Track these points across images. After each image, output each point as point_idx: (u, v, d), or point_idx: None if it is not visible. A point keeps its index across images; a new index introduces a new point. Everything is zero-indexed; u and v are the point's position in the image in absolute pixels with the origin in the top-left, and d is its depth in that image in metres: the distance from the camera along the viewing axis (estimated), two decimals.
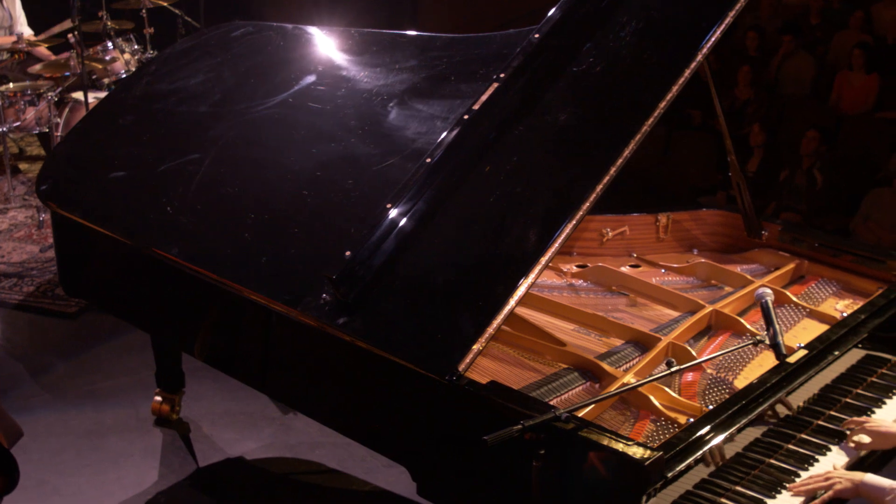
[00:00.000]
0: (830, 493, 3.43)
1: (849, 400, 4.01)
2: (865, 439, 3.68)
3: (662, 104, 3.81)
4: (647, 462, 3.06)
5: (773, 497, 3.48)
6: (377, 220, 3.79)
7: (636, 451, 3.09)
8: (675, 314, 4.25)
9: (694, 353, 3.91)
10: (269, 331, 4.04)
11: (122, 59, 8.80)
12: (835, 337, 3.94)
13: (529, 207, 3.74)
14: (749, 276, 4.45)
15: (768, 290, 3.78)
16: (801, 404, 3.90)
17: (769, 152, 8.98)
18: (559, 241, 3.57)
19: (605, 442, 3.14)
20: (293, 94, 4.61)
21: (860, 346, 4.15)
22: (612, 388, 3.60)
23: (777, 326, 3.68)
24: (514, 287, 3.52)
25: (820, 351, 3.85)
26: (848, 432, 3.74)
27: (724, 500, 3.44)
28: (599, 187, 3.67)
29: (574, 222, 3.61)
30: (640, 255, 4.76)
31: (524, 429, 3.13)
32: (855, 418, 3.81)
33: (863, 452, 3.72)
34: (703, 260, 4.63)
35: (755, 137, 8.97)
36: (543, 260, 3.55)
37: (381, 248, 3.76)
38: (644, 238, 4.78)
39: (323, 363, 3.92)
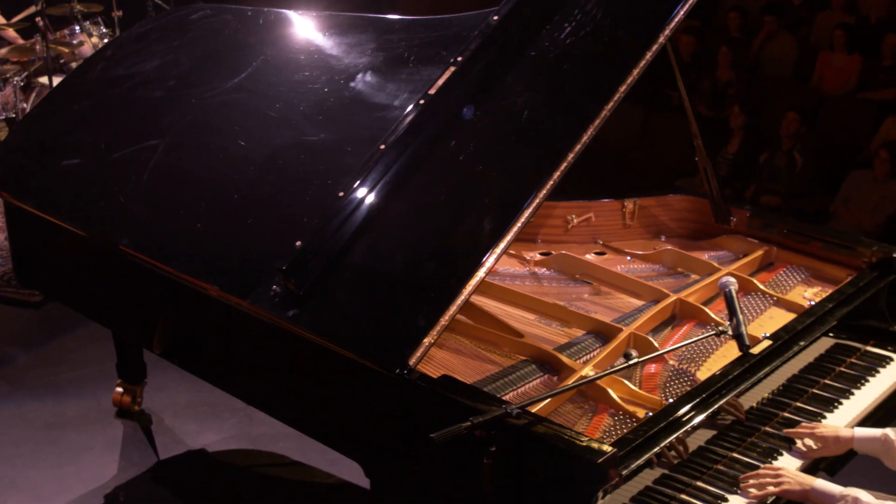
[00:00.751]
0: (776, 490, 3.32)
1: (816, 391, 3.91)
2: (814, 445, 3.57)
3: (623, 87, 3.69)
4: (601, 460, 2.96)
5: (735, 492, 3.37)
6: (329, 209, 3.67)
7: (589, 449, 2.99)
8: (638, 303, 4.15)
9: (656, 343, 3.81)
10: (221, 324, 3.93)
11: (90, 42, 8.65)
12: (801, 327, 3.84)
13: (485, 195, 3.63)
14: (716, 264, 4.35)
15: (732, 280, 3.67)
16: (767, 395, 3.81)
17: (750, 134, 8.87)
18: (514, 229, 3.45)
19: (557, 439, 3.04)
20: (249, 78, 4.49)
21: (830, 334, 4.05)
22: (570, 381, 3.49)
23: (740, 317, 3.57)
24: (467, 278, 3.41)
25: (785, 341, 3.75)
26: (799, 443, 3.61)
27: (684, 497, 3.34)
28: (557, 174, 3.56)
29: (530, 210, 3.51)
30: (606, 241, 4.66)
31: (473, 426, 3.02)
32: (804, 424, 3.68)
33: (814, 456, 3.61)
34: (669, 247, 4.53)
35: (735, 119, 8.87)
36: (498, 250, 3.44)
37: (333, 237, 3.64)
38: (610, 224, 4.68)
39: (276, 357, 3.81)
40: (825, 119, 8.92)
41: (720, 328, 3.54)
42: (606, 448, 3.00)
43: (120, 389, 5.43)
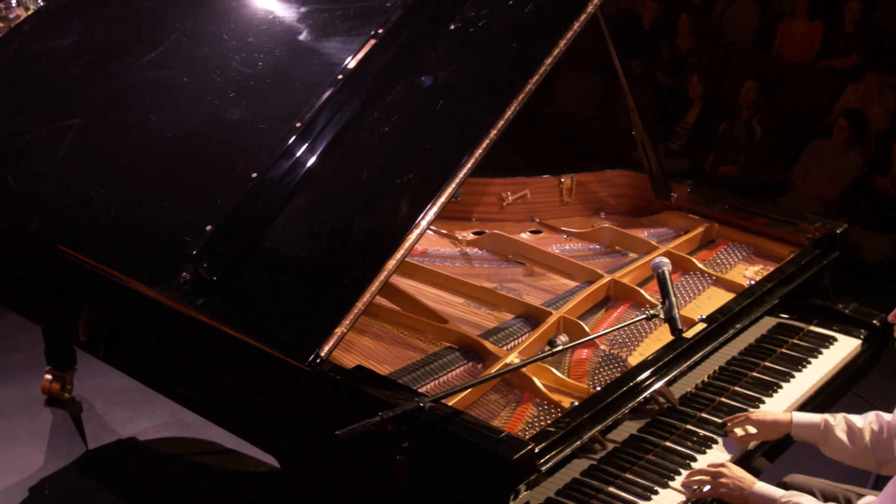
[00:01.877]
0: (714, 493, 3.17)
1: (756, 374, 3.78)
2: (752, 430, 3.42)
3: (549, 60, 3.54)
4: (516, 456, 2.80)
5: (665, 485, 3.22)
6: (242, 191, 3.49)
7: (505, 444, 2.83)
8: (572, 284, 3.98)
9: (587, 327, 3.65)
10: (136, 314, 3.75)
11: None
12: (737, 308, 3.68)
13: (405, 173, 3.46)
14: (653, 242, 4.18)
15: (665, 260, 3.50)
16: (704, 379, 3.66)
17: (709, 103, 8.72)
18: (433, 210, 3.30)
19: (472, 434, 2.88)
20: (166, 53, 4.27)
21: (773, 313, 3.90)
22: (493, 370, 3.32)
23: (673, 299, 3.39)
24: (383, 262, 3.24)
25: (720, 324, 3.60)
26: (737, 430, 3.46)
27: (612, 489, 3.19)
28: (480, 150, 3.40)
29: (451, 188, 3.34)
30: (543, 219, 4.49)
31: (382, 421, 2.85)
32: (738, 414, 3.53)
33: (751, 445, 3.46)
34: (606, 225, 4.36)
35: (694, 88, 8.72)
36: (416, 232, 3.28)
37: (246, 221, 3.46)
38: (547, 201, 4.50)
39: (189, 347, 3.63)
40: (786, 87, 8.77)
41: (651, 311, 3.38)
42: (524, 442, 2.83)
43: (49, 377, 5.23)
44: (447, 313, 3.72)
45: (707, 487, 3.16)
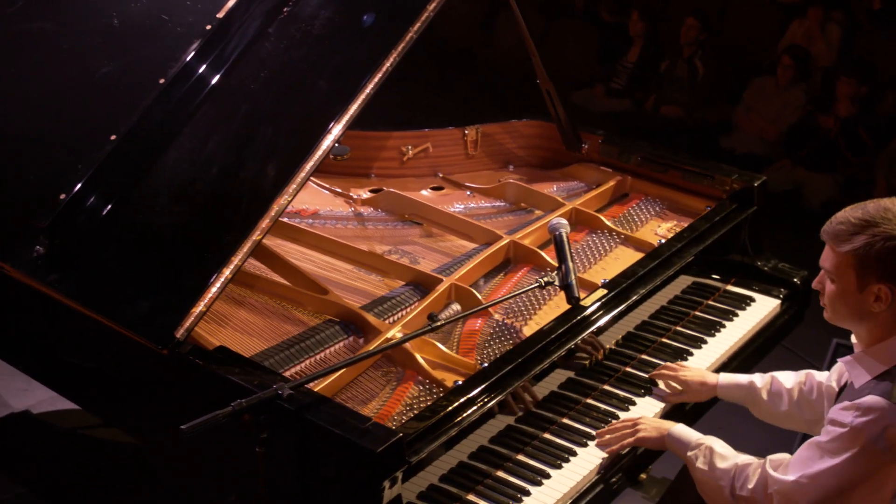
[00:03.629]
0: (632, 439, 2.98)
1: (666, 340, 3.53)
2: (677, 387, 3.20)
3: (432, 6, 3.22)
4: (381, 449, 2.53)
5: (560, 467, 2.98)
6: (99, 156, 3.19)
7: (370, 436, 2.57)
8: (471, 246, 3.70)
9: (483, 294, 3.39)
10: None
11: None
12: (642, 271, 3.41)
13: (275, 135, 3.18)
14: (560, 199, 3.90)
15: (563, 222, 3.23)
16: (611, 346, 3.41)
17: (650, 42, 8.41)
18: (301, 175, 3.02)
19: (334, 424, 2.61)
20: (34, 2, 3.92)
21: (689, 272, 3.65)
22: (373, 346, 3.06)
23: (570, 264, 3.13)
24: (247, 233, 2.96)
25: (622, 290, 3.33)
26: (661, 384, 3.26)
27: (500, 474, 2.95)
28: (355, 106, 3.11)
29: (323, 149, 3.05)
30: (448, 174, 4.19)
31: (234, 412, 2.58)
32: (668, 364, 3.31)
33: (676, 401, 3.24)
34: (511, 180, 4.07)
35: (634, 26, 8.41)
36: (284, 198, 3.00)
37: (102, 189, 3.16)
38: (451, 155, 4.21)
39: (50, 325, 3.34)
40: (729, 24, 8.46)
41: (546, 278, 3.11)
42: (391, 432, 2.57)
43: None
44: (334, 281, 3.45)
45: (628, 440, 3.00)
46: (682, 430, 2.98)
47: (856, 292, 2.60)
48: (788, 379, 3.10)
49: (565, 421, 3.15)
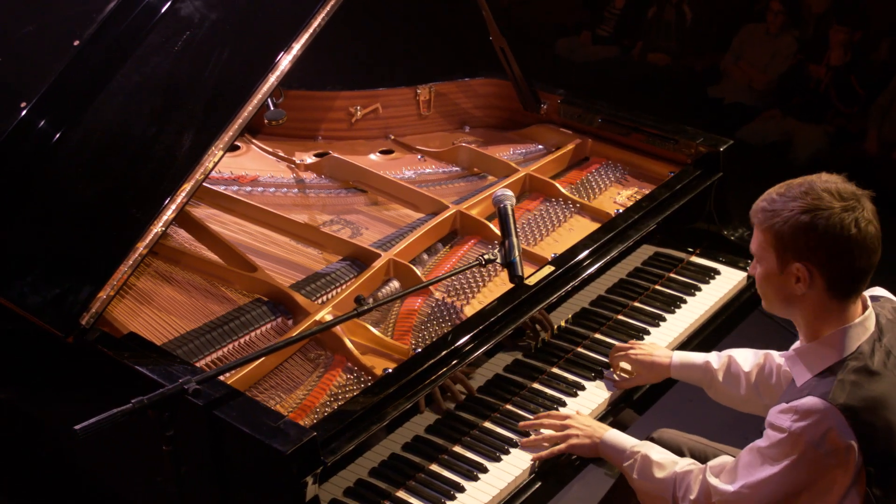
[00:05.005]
0: (563, 446, 2.75)
1: (622, 317, 3.32)
2: (627, 367, 3.00)
3: None
4: (291, 450, 2.33)
5: (498, 459, 2.78)
6: (6, 127, 2.97)
7: (280, 436, 2.37)
8: (417, 216, 3.47)
9: (424, 270, 3.17)
10: None
11: None
12: (595, 245, 3.18)
13: (192, 102, 2.94)
14: (514, 164, 3.66)
15: (508, 193, 3.00)
16: (562, 324, 3.19)
17: None
18: (220, 146, 2.79)
19: (243, 422, 2.41)
20: None
21: (652, 241, 3.42)
22: (299, 329, 2.85)
23: (515, 240, 2.89)
24: (159, 209, 2.73)
25: (570, 267, 3.10)
26: (620, 368, 3.06)
27: (434, 467, 2.75)
28: (287, 62, 2.88)
29: (245, 116, 2.82)
30: (399, 136, 3.95)
31: (135, 409, 2.37)
32: (620, 345, 3.09)
33: (628, 386, 3.03)
34: (464, 144, 3.83)
35: None
36: (199, 172, 2.78)
37: (6, 165, 2.94)
38: (403, 116, 3.97)
39: None
40: None
41: (486, 256, 2.88)
42: (303, 431, 2.37)
43: None
44: (271, 256, 3.25)
45: (559, 445, 2.77)
46: (614, 436, 2.76)
47: (777, 274, 2.40)
48: (747, 360, 2.89)
49: (508, 408, 2.95)
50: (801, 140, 6.92)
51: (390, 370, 2.73)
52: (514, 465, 2.75)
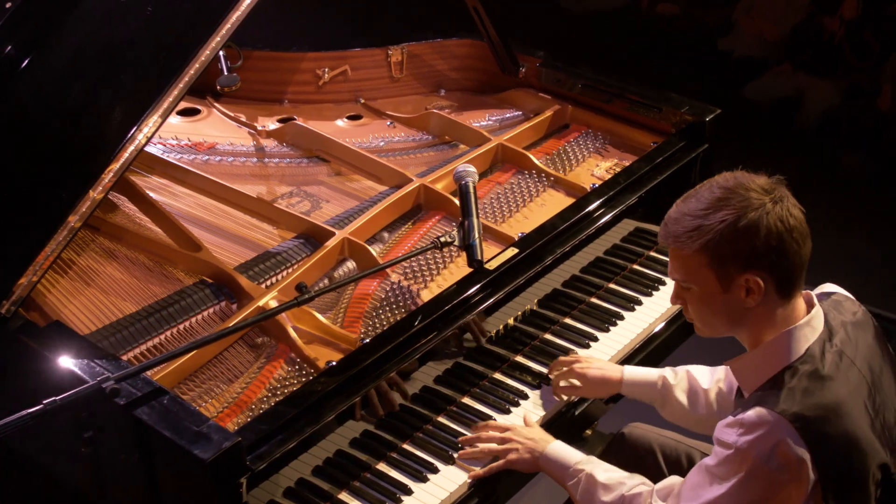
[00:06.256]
0: (502, 462, 2.54)
1: (595, 300, 3.10)
2: (576, 383, 2.77)
3: None
4: (211, 458, 2.14)
5: (451, 460, 2.59)
6: None
7: (203, 441, 2.19)
8: (381, 189, 3.27)
9: (383, 248, 2.98)
10: None
11: None
12: (563, 225, 2.97)
13: (122, 70, 2.74)
14: (486, 133, 3.44)
15: (471, 169, 2.79)
16: (531, 307, 2.99)
17: None
18: (153, 119, 2.59)
19: (163, 425, 2.23)
20: None
21: (633, 216, 3.21)
22: (241, 316, 2.66)
23: (475, 220, 2.69)
24: (86, 188, 2.54)
25: (535, 250, 2.89)
26: (561, 383, 2.83)
27: (381, 466, 2.57)
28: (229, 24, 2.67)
29: (181, 86, 2.61)
30: (370, 100, 3.73)
31: (45, 411, 2.19)
32: (563, 358, 2.86)
33: (574, 398, 2.82)
34: (435, 110, 3.61)
35: None
36: (130, 149, 2.56)
37: None
38: (374, 78, 3.75)
39: None
40: None
41: (443, 238, 2.67)
42: (227, 436, 2.19)
43: None
44: (225, 231, 3.05)
45: (497, 462, 2.55)
46: (557, 451, 2.53)
47: (721, 293, 2.16)
48: (705, 376, 2.68)
49: (465, 401, 2.76)
50: (813, 96, 6.66)
51: (334, 363, 2.53)
52: (451, 480, 2.55)
